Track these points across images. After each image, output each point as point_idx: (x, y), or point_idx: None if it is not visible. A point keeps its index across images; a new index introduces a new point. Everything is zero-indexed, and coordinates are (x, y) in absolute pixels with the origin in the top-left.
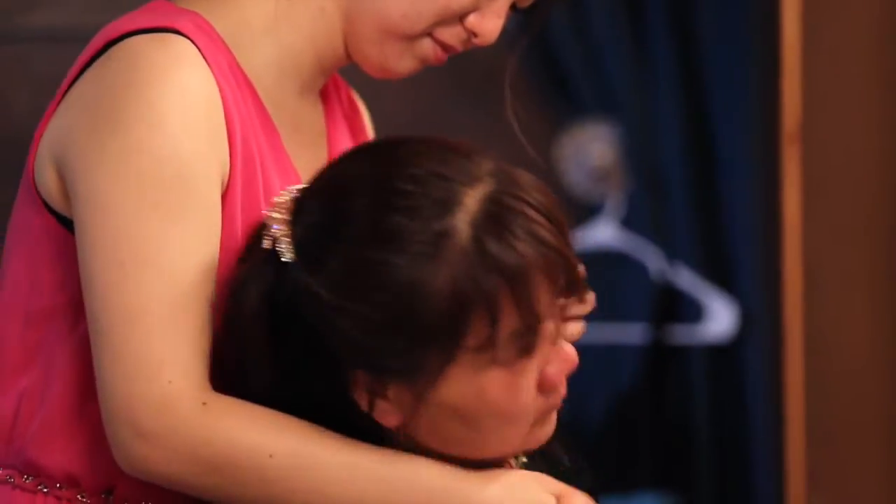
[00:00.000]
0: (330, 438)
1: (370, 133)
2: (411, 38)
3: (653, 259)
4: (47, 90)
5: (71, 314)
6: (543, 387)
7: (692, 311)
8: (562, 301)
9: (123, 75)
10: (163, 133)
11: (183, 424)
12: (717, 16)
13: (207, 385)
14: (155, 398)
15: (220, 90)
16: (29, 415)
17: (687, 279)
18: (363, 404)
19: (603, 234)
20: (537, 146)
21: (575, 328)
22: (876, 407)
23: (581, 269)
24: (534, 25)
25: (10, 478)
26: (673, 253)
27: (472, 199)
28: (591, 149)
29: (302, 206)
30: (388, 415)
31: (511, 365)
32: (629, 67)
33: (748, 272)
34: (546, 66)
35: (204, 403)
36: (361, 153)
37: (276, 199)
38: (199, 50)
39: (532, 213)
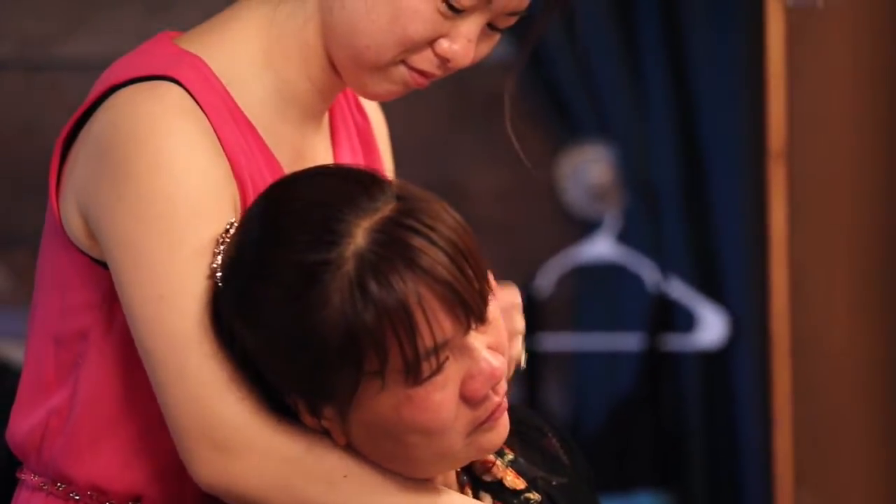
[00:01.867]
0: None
1: (381, 141)
2: (381, 67)
3: (648, 272)
4: None
5: (96, 335)
6: (466, 400)
7: (685, 321)
8: (458, 327)
9: (126, 125)
10: (171, 176)
11: (261, 438)
12: (707, 43)
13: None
14: (231, 414)
15: (218, 132)
16: (56, 430)
17: (680, 290)
18: (314, 427)
19: (601, 248)
20: (538, 166)
21: (491, 339)
22: (858, 408)
23: (476, 293)
24: (527, 45)
25: (43, 485)
26: (667, 266)
27: (360, 231)
28: (589, 169)
29: (233, 241)
30: (334, 433)
31: (414, 387)
32: (624, 92)
33: (737, 283)
34: (546, 92)
35: (279, 421)
36: (280, 184)
37: (220, 233)
38: (194, 96)
39: (421, 242)
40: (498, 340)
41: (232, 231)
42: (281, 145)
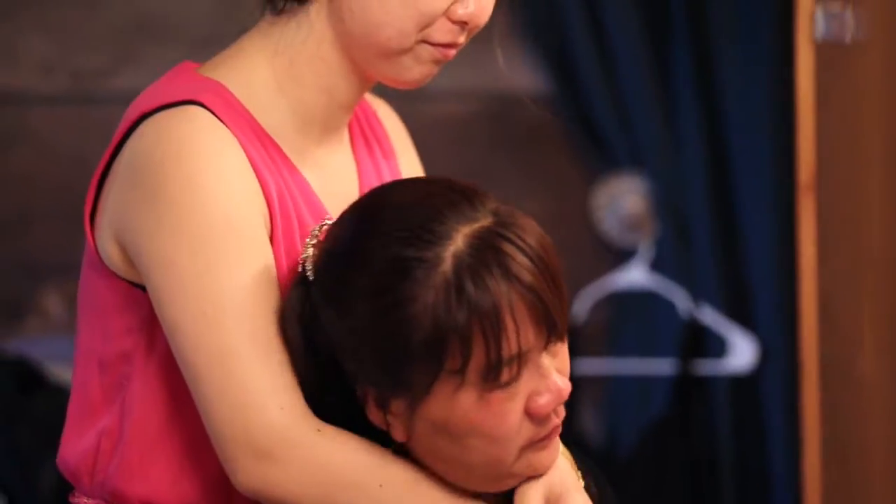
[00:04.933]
0: (437, 482)
1: (400, 145)
2: (407, 50)
3: (680, 299)
4: None
5: (139, 357)
6: (531, 415)
7: (716, 346)
8: (539, 339)
9: (159, 149)
10: (205, 194)
11: (301, 447)
12: (738, 77)
13: (311, 412)
14: (273, 423)
15: (245, 151)
16: (109, 451)
17: (711, 317)
18: (378, 421)
19: (635, 276)
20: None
21: (559, 363)
22: (886, 434)
23: (560, 309)
24: None
25: None
26: (698, 293)
27: (460, 236)
28: (623, 199)
29: (329, 234)
30: (395, 429)
31: (491, 390)
32: (658, 125)
33: (767, 310)
34: (583, 126)
35: (318, 430)
36: (382, 187)
37: (312, 229)
38: (219, 117)
39: (517, 253)
40: (565, 367)
41: (325, 227)
42: (306, 162)
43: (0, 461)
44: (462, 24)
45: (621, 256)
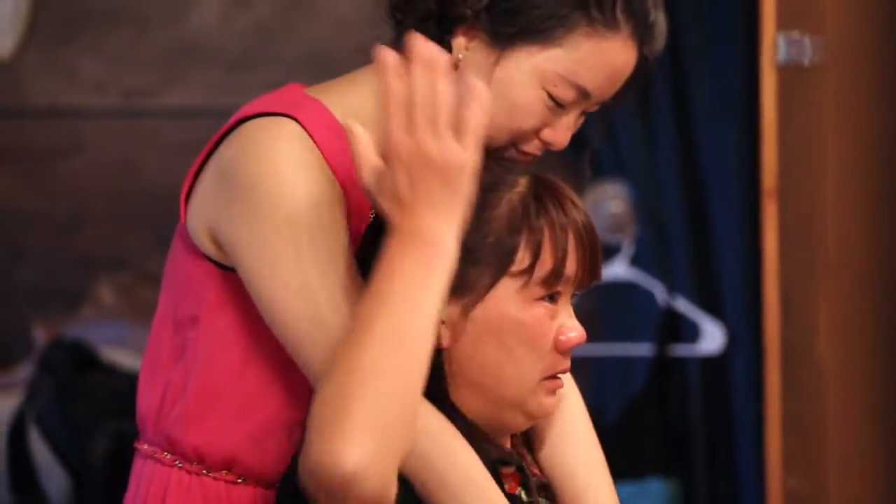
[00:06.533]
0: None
1: None
2: (496, 149)
3: (657, 290)
4: (174, 156)
5: (204, 323)
6: (557, 345)
7: (689, 332)
8: (584, 274)
9: (251, 148)
10: (290, 189)
11: None
12: (708, 96)
13: None
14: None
15: (330, 163)
16: (172, 402)
17: (685, 306)
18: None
19: (617, 270)
20: None
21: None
22: (839, 406)
23: (598, 261)
24: (603, 122)
25: (154, 453)
26: (673, 285)
27: (528, 176)
28: (607, 203)
29: None
30: (445, 335)
31: (543, 298)
32: (638, 139)
33: (735, 300)
34: (571, 139)
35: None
36: None
37: None
38: (310, 132)
39: (576, 199)
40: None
41: None
42: None
43: (58, 433)
44: (546, 144)
45: (605, 253)
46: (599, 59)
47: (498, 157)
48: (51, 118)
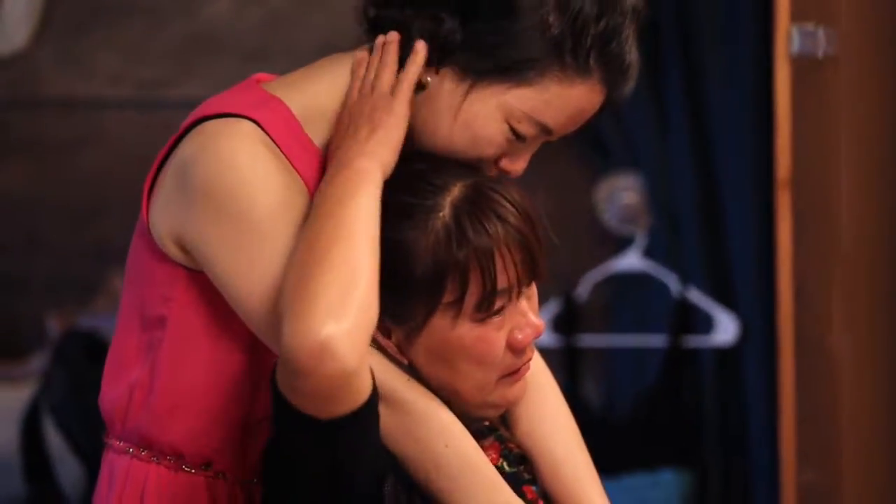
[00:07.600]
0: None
1: None
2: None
3: (671, 281)
4: None
5: (172, 325)
6: (512, 347)
7: (703, 323)
8: (524, 276)
9: (206, 152)
10: (248, 184)
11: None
12: (722, 88)
13: None
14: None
15: (290, 158)
16: (140, 400)
17: (698, 297)
18: (385, 345)
19: (632, 261)
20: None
21: (532, 305)
22: (853, 398)
23: (541, 250)
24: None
25: (129, 449)
26: (687, 276)
27: (457, 188)
28: (621, 195)
29: None
30: (398, 354)
31: (482, 321)
32: (652, 130)
33: (748, 292)
34: (586, 131)
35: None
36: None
37: None
38: (268, 132)
39: (505, 202)
40: (536, 307)
41: None
42: None
43: (72, 423)
44: (503, 172)
45: (619, 244)
46: (566, 101)
47: (426, 179)
48: (66, 110)
